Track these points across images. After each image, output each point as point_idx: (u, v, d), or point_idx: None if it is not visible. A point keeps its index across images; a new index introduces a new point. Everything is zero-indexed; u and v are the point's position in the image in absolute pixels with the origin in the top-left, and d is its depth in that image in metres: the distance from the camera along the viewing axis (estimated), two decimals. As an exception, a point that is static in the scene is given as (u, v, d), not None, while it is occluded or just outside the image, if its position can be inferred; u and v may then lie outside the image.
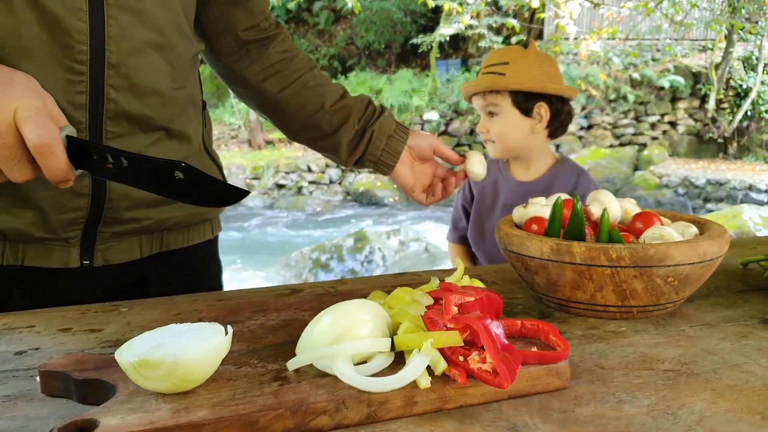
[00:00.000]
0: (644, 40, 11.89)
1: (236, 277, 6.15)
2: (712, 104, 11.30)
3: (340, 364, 0.57)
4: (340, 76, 13.26)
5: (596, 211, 0.91)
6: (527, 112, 1.76)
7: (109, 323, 0.83)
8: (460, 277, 0.79)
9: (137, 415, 0.52)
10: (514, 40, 10.72)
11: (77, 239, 0.94)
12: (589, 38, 9.39)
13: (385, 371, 0.59)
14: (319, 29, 14.42)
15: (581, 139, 11.16)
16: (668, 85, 11.28)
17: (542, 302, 0.89)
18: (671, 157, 11.02)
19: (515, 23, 9.75)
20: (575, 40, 10.39)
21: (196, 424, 0.51)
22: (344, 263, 5.90)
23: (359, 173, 10.58)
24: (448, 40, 12.21)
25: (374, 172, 1.17)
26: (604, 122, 11.29)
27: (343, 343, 0.59)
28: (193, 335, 0.58)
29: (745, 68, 11.68)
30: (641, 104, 11.41)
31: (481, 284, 0.76)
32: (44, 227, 0.91)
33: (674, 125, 11.55)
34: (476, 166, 1.13)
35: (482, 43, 11.71)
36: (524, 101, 1.75)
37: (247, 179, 10.41)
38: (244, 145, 12.25)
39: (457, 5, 8.52)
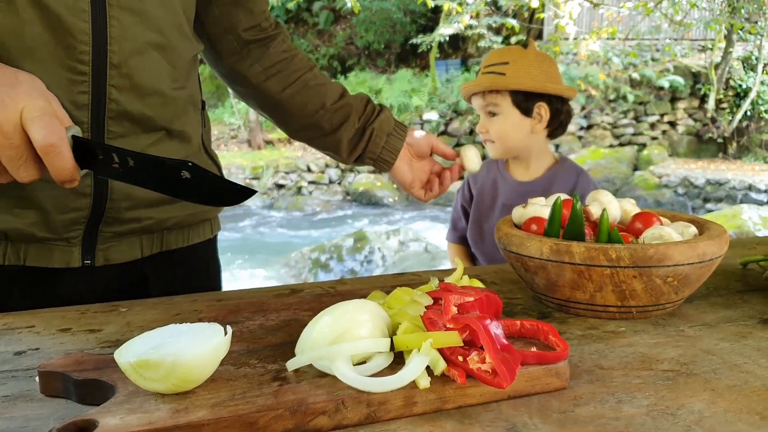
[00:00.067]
0: (644, 40, 11.89)
1: (235, 277, 6.15)
2: (711, 104, 11.30)
3: (339, 364, 0.57)
4: (339, 76, 13.26)
5: (596, 211, 0.91)
6: (527, 112, 1.76)
7: (108, 323, 0.83)
8: (459, 277, 0.79)
9: (137, 415, 0.52)
10: (513, 40, 10.72)
11: (79, 239, 0.94)
12: (588, 38, 9.38)
13: (384, 371, 0.59)
14: (318, 29, 14.42)
15: (581, 139, 11.16)
16: (668, 85, 11.28)
17: (542, 302, 0.89)
18: (671, 157, 11.02)
19: (515, 23, 9.75)
20: (575, 40, 10.38)
21: (195, 424, 0.51)
22: (344, 263, 5.90)
23: (358, 173, 10.58)
24: (447, 40, 12.22)
25: (374, 171, 1.18)
26: (603, 122, 11.29)
27: (342, 343, 0.59)
28: (192, 335, 0.58)
29: (744, 68, 11.68)
30: (641, 104, 11.41)
31: (480, 284, 0.76)
32: (46, 227, 0.91)
33: (674, 125, 11.55)
34: (471, 159, 1.16)
35: (482, 43, 11.72)
36: (524, 101, 1.75)
37: (246, 179, 10.41)
38: (243, 145, 12.25)
39: (456, 5, 8.52)
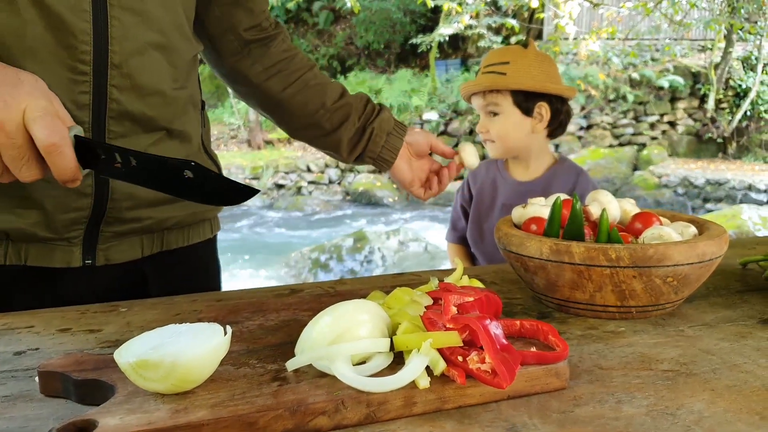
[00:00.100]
0: (643, 40, 11.89)
1: (235, 277, 6.15)
2: (711, 104, 11.30)
3: (339, 364, 0.57)
4: (339, 76, 13.25)
5: (595, 211, 0.91)
6: (528, 111, 1.76)
7: (108, 323, 0.83)
8: (459, 277, 0.79)
9: (136, 415, 0.52)
10: (513, 40, 10.72)
11: (79, 239, 0.94)
12: (588, 38, 9.39)
13: (384, 371, 0.59)
14: (318, 29, 14.42)
15: (580, 139, 11.16)
16: (667, 85, 11.28)
17: (541, 302, 0.89)
18: (670, 157, 11.02)
19: (514, 23, 9.76)
20: (574, 40, 10.39)
21: (195, 424, 0.51)
22: (343, 263, 5.90)
23: (358, 173, 10.58)
24: (447, 40, 12.22)
25: (374, 171, 1.19)
26: (603, 122, 11.29)
27: (342, 343, 0.59)
28: (192, 336, 0.58)
29: (744, 68, 11.69)
30: (640, 104, 11.41)
31: (480, 284, 0.76)
32: (47, 227, 0.91)
33: (673, 125, 11.55)
34: (469, 155, 1.17)
35: (481, 43, 11.72)
36: (525, 101, 1.75)
37: (246, 179, 10.41)
38: (243, 145, 12.25)
39: (456, 5, 8.52)
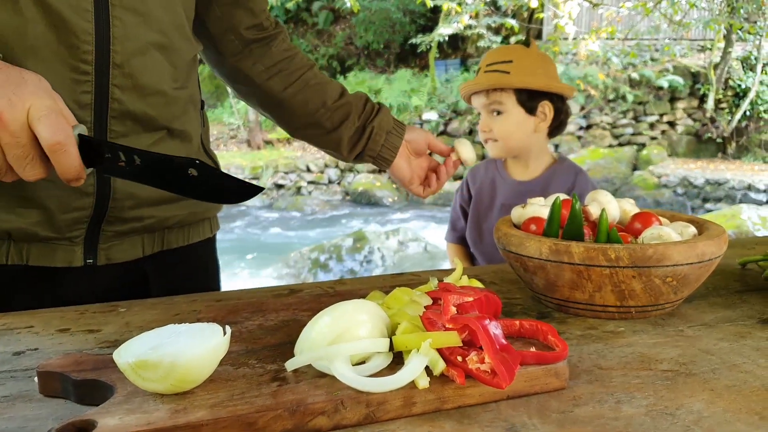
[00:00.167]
0: (643, 40, 11.90)
1: (235, 277, 6.15)
2: (710, 104, 11.30)
3: (338, 364, 0.57)
4: (339, 76, 13.25)
5: (595, 211, 0.91)
6: (531, 110, 1.76)
7: (107, 324, 0.83)
8: (458, 277, 0.79)
9: (135, 415, 0.52)
10: (513, 40, 10.72)
11: (81, 238, 0.95)
12: (587, 38, 9.39)
13: (383, 372, 0.59)
14: (318, 29, 14.42)
15: (580, 139, 11.17)
16: (667, 85, 11.28)
17: (541, 302, 0.89)
18: (670, 157, 11.02)
19: (514, 23, 9.76)
20: (574, 40, 10.39)
21: (194, 424, 0.51)
22: (343, 263, 5.90)
23: (358, 173, 10.58)
24: (446, 40, 12.22)
25: (374, 170, 1.19)
26: (602, 122, 11.29)
27: (341, 343, 0.59)
28: (191, 336, 0.58)
29: (743, 68, 11.69)
30: (640, 104, 11.42)
31: (479, 284, 0.76)
32: (49, 226, 0.91)
33: (673, 125, 11.55)
34: (465, 150, 1.19)
35: (481, 43, 11.72)
36: (528, 100, 1.75)
37: (246, 179, 10.36)
38: (243, 145, 12.24)
39: (455, 5, 8.53)
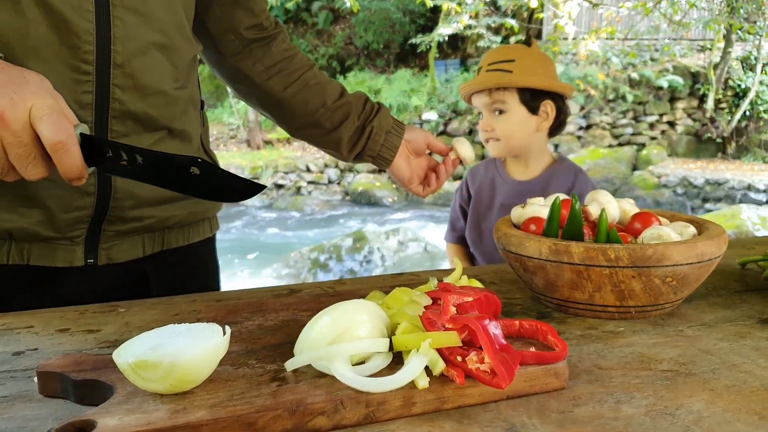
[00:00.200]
0: (643, 40, 11.90)
1: (234, 277, 6.15)
2: (710, 104, 11.31)
3: (338, 364, 0.57)
4: (338, 76, 13.25)
5: (594, 211, 0.91)
6: (534, 110, 1.76)
7: (107, 324, 0.83)
8: (458, 277, 0.79)
9: (135, 415, 0.52)
10: (512, 40, 10.72)
11: (82, 238, 0.95)
12: (587, 38, 9.39)
13: (383, 372, 0.59)
14: (317, 29, 14.42)
15: (580, 139, 11.17)
16: (667, 85, 11.29)
17: (540, 302, 0.89)
18: (670, 157, 11.02)
19: (514, 23, 9.76)
20: (574, 40, 10.39)
21: (194, 424, 0.51)
22: (343, 263, 5.90)
23: (358, 173, 10.58)
24: (446, 40, 12.22)
25: (374, 170, 1.20)
26: (602, 122, 11.29)
27: (341, 343, 0.59)
28: (191, 336, 0.58)
29: (743, 68, 11.69)
30: (640, 104, 11.42)
31: (479, 284, 0.76)
32: (50, 226, 0.91)
33: (673, 125, 11.55)
34: (465, 150, 1.20)
35: (481, 43, 11.72)
36: (531, 99, 1.75)
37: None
38: (242, 145, 12.24)
39: (455, 5, 8.53)
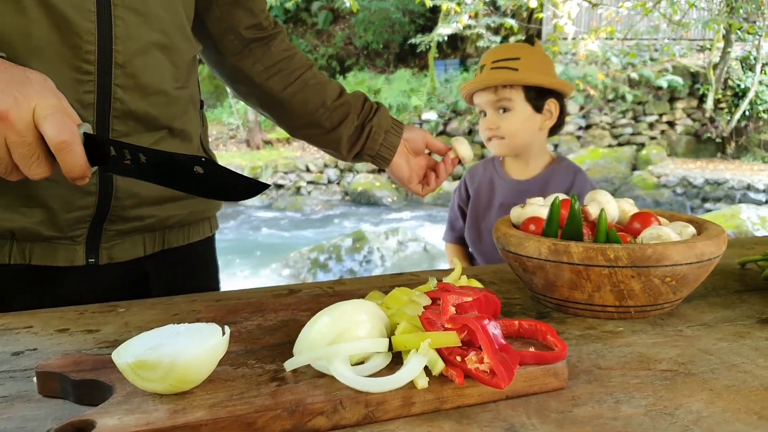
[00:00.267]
0: (642, 39, 11.90)
1: (234, 277, 6.15)
2: (710, 104, 11.31)
3: (337, 364, 0.57)
4: (338, 76, 13.25)
5: (594, 211, 0.91)
6: (538, 108, 1.76)
7: (106, 324, 0.83)
8: (457, 277, 0.79)
9: (134, 415, 0.52)
10: (512, 39, 10.72)
11: (83, 237, 0.95)
12: (587, 38, 9.40)
13: (382, 372, 0.59)
14: (317, 29, 14.42)
15: (579, 138, 11.17)
16: (666, 84, 11.29)
17: (540, 302, 0.89)
18: (669, 157, 11.03)
19: (513, 23, 9.75)
20: (573, 40, 10.39)
21: (193, 424, 0.51)
22: (342, 263, 5.90)
23: (357, 173, 10.58)
24: (446, 40, 12.23)
25: (373, 170, 1.20)
26: (602, 122, 11.29)
27: (340, 343, 0.59)
28: (190, 336, 0.58)
29: (743, 68, 11.69)
30: (639, 104, 11.42)
31: (478, 284, 0.76)
32: (52, 226, 0.91)
33: (672, 125, 11.56)
34: (464, 149, 1.21)
35: (480, 43, 11.72)
36: (536, 98, 1.75)
37: (246, 178, 10.39)
38: (242, 145, 12.24)
39: (455, 5, 8.53)
